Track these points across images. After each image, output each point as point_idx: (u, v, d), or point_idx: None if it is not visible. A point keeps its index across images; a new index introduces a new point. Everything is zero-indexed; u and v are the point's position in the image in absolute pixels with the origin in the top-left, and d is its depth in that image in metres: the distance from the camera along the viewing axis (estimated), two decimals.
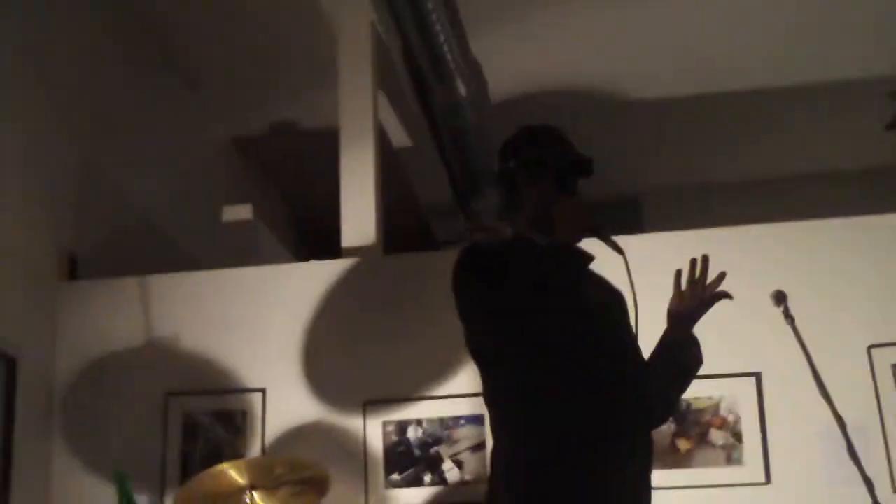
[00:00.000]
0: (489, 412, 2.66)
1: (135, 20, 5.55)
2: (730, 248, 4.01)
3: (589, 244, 2.59)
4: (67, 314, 4.60)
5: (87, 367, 4.52)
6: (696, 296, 2.72)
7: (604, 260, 2.62)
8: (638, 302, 2.61)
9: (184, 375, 4.48)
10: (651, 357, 2.76)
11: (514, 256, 2.59)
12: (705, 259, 2.70)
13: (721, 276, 2.73)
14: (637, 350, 2.69)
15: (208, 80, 6.23)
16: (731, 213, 5.06)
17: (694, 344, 2.76)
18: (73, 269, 4.73)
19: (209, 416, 4.41)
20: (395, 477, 4.28)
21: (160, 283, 4.65)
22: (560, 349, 2.49)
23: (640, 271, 2.64)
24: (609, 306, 2.72)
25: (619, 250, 2.59)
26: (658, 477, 2.70)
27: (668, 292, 2.77)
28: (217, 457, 4.23)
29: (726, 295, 2.72)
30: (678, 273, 2.75)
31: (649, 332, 2.74)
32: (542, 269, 2.51)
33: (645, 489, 2.58)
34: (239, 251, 5.41)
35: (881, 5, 5.59)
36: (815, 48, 5.97)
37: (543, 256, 2.55)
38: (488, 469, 2.79)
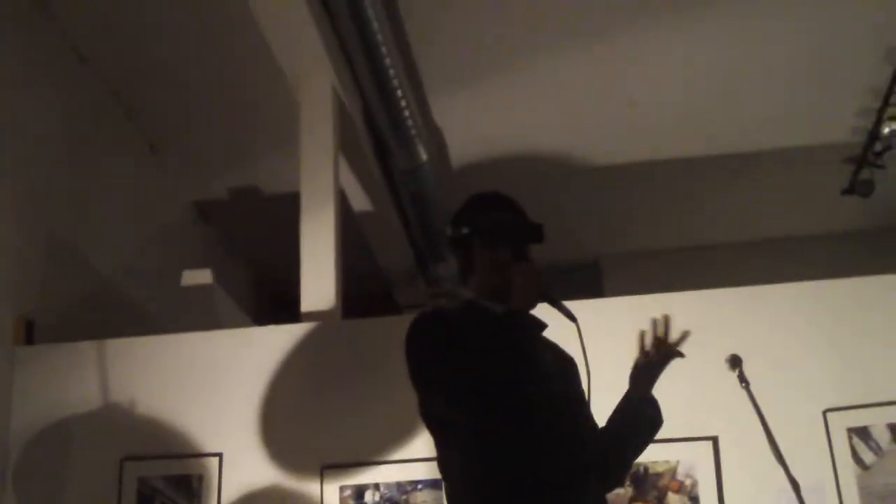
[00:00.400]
0: (443, 479, 2.65)
1: (96, 85, 5.55)
2: (686, 313, 3.95)
3: (544, 310, 2.59)
4: (23, 378, 4.54)
5: (41, 432, 4.45)
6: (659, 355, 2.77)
7: (559, 326, 2.62)
8: (595, 366, 2.61)
9: (140, 440, 4.42)
10: (610, 417, 2.78)
11: (467, 323, 2.60)
12: (666, 319, 2.74)
13: (684, 336, 2.77)
14: (589, 415, 2.71)
15: (170, 145, 6.22)
16: (690, 277, 5.08)
17: (652, 404, 2.79)
18: (30, 334, 4.69)
19: (164, 481, 4.36)
20: None
21: (117, 348, 4.61)
22: (512, 415, 2.50)
23: (599, 335, 2.66)
24: (561, 372, 2.73)
25: (572, 317, 2.61)
26: None
27: (627, 356, 2.80)
28: None
29: (679, 354, 2.76)
30: (642, 334, 2.79)
31: (608, 396, 2.75)
32: (493, 336, 2.50)
33: None
34: (198, 316, 5.37)
35: (837, 73, 5.69)
36: (771, 114, 6.04)
37: (495, 323, 2.54)
38: None
